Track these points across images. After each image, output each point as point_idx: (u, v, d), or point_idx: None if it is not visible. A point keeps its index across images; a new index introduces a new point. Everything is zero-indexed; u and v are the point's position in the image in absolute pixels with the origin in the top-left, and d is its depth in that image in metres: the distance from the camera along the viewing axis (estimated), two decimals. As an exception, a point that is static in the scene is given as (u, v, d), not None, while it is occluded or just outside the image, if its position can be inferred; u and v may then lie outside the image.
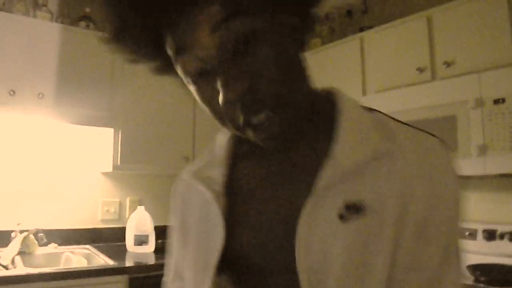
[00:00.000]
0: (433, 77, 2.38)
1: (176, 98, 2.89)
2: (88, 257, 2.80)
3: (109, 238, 3.22)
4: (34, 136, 3.01)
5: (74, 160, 3.17)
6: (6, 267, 2.40)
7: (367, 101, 2.53)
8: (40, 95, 2.60)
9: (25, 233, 2.72)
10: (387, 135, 0.67)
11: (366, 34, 2.77)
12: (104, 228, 3.25)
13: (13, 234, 2.74)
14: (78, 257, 2.74)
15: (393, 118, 0.72)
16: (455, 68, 2.29)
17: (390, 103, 2.47)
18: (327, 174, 0.64)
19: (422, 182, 0.63)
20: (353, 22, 3.07)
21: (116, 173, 3.16)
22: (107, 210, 3.27)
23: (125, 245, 3.00)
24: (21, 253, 2.63)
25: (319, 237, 0.63)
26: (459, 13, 2.31)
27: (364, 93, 2.70)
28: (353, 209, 0.62)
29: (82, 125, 2.77)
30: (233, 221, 0.72)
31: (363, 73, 2.73)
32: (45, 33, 2.69)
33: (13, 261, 2.52)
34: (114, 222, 3.29)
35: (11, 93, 2.51)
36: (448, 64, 2.30)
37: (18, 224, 2.77)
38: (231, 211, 0.72)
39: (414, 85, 2.43)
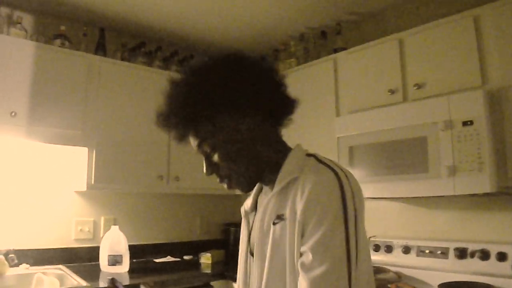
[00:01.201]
0: (405, 99, 2.43)
1: (151, 118, 2.87)
2: (60, 278, 2.75)
3: (83, 258, 3.17)
4: (7, 155, 2.97)
5: (48, 179, 3.12)
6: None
7: (341, 122, 2.59)
8: (13, 114, 2.56)
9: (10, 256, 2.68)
10: (301, 169, 1.10)
11: (339, 55, 2.82)
12: (78, 247, 3.19)
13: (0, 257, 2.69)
14: (51, 278, 2.69)
15: (317, 159, 1.13)
16: (425, 90, 2.35)
17: (362, 124, 2.52)
18: (264, 200, 1.18)
19: (302, 193, 1.04)
20: (327, 42, 3.13)
21: (90, 192, 3.13)
22: (81, 230, 3.22)
23: (99, 264, 2.97)
24: (-10, 274, 2.58)
25: (261, 236, 1.15)
26: (429, 36, 2.38)
27: (337, 114, 2.75)
28: (279, 218, 1.10)
29: (56, 144, 2.74)
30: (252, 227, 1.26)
31: (337, 93, 2.78)
32: (19, 50, 2.66)
33: (-18, 283, 2.47)
34: (88, 242, 3.24)
35: (-17, 111, 2.49)
36: (419, 86, 2.36)
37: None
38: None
39: (386, 107, 2.48)
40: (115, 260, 2.87)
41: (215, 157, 1.15)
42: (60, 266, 2.98)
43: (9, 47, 2.64)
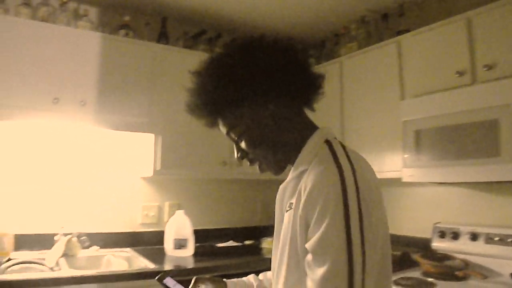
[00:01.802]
0: (474, 81, 2.34)
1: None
2: (128, 260, 2.87)
3: (148, 242, 3.28)
4: (77, 143, 3.11)
5: (116, 166, 3.25)
6: (51, 269, 2.47)
7: (406, 106, 2.53)
8: (82, 103, 2.68)
9: (68, 236, 2.80)
10: (310, 161, 1.10)
11: (403, 37, 2.75)
12: (144, 232, 3.31)
13: (56, 237, 2.82)
14: (119, 260, 2.81)
15: (331, 149, 1.10)
16: (496, 71, 2.24)
17: (429, 107, 2.45)
18: (281, 189, 1.21)
19: (305, 187, 1.04)
20: (389, 25, 3.05)
21: (156, 178, 3.22)
22: (147, 214, 3.33)
23: (163, 248, 3.05)
24: (64, 255, 2.71)
25: (278, 222, 1.20)
26: (500, 14, 2.27)
27: (402, 97, 2.68)
28: (290, 206, 1.12)
29: (123, 131, 2.83)
30: None
31: (401, 77, 2.71)
32: (87, 42, 2.77)
33: (57, 263, 2.60)
34: (153, 226, 3.35)
35: (55, 101, 2.60)
36: (489, 67, 2.26)
37: (61, 227, 2.86)
38: None
39: (454, 89, 2.39)
40: (180, 244, 2.94)
41: (243, 144, 1.19)
42: (127, 249, 3.09)
43: (77, 40, 2.74)
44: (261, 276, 1.47)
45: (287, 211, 1.12)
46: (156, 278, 1.29)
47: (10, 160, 2.88)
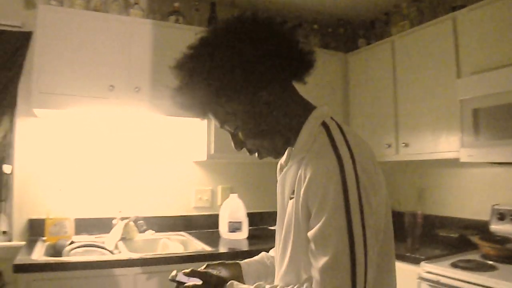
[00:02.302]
0: (537, 56, 2.24)
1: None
2: (184, 243, 2.92)
3: (201, 225, 3.34)
4: (132, 129, 3.18)
5: (169, 151, 3.31)
6: (111, 252, 2.55)
7: (463, 84, 2.45)
8: (137, 89, 2.73)
9: (125, 220, 2.88)
10: (310, 148, 1.08)
11: (459, 13, 2.64)
12: (197, 215, 3.37)
13: (114, 221, 2.91)
14: (175, 243, 2.86)
15: (328, 134, 1.07)
16: (561, 45, 2.14)
17: (488, 84, 2.36)
18: (281, 176, 1.20)
19: (305, 176, 1.04)
20: (443, 1, 2.95)
21: (209, 162, 3.26)
22: (200, 198, 3.38)
23: (217, 231, 3.10)
24: (122, 239, 2.80)
25: (281, 207, 1.19)
26: None
27: (458, 75, 2.60)
28: (292, 194, 1.10)
29: (177, 116, 2.87)
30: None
31: (457, 55, 2.62)
32: (138, 29, 2.82)
33: (116, 246, 2.68)
34: (206, 210, 3.40)
35: (110, 88, 2.66)
36: (553, 40, 2.16)
37: (119, 212, 2.94)
38: None
39: (515, 65, 2.30)
40: (234, 227, 2.98)
41: (239, 135, 1.16)
42: (181, 232, 3.15)
43: (130, 27, 2.80)
44: (271, 252, 1.44)
45: (291, 198, 1.11)
46: (169, 278, 1.28)
47: (69, 148, 2.99)
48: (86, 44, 2.65)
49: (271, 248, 1.40)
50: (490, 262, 2.24)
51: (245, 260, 1.43)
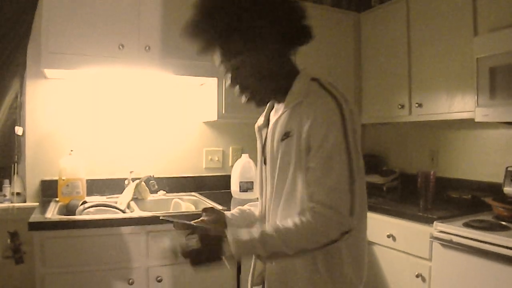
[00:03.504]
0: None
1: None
2: (195, 203, 2.94)
3: (212, 186, 3.35)
4: (142, 89, 3.16)
5: (180, 111, 3.30)
6: (123, 211, 2.57)
7: (480, 41, 2.37)
8: (147, 48, 2.69)
9: (137, 181, 2.90)
10: (306, 93, 1.23)
11: (477, -32, 2.56)
12: (208, 176, 3.38)
13: (126, 182, 2.93)
14: (186, 203, 2.88)
15: (320, 84, 1.24)
16: None
17: (507, 42, 2.29)
18: (272, 119, 1.35)
19: (308, 116, 1.19)
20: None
21: (219, 122, 3.24)
22: (211, 159, 3.38)
23: (228, 192, 3.11)
24: (134, 199, 2.82)
25: (272, 151, 1.32)
26: None
27: (475, 33, 2.52)
28: (286, 135, 1.25)
29: (187, 75, 2.84)
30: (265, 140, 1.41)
31: (474, 11, 2.54)
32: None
33: (129, 206, 2.70)
34: (218, 170, 3.41)
35: (120, 47, 2.62)
36: None
37: (130, 172, 2.95)
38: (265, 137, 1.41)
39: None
40: (246, 187, 2.99)
41: (237, 73, 1.28)
42: (193, 193, 3.17)
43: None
44: (247, 207, 1.58)
45: (283, 139, 1.26)
46: (161, 217, 1.43)
47: (79, 109, 2.98)
48: (95, 2, 2.59)
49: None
50: (503, 223, 2.23)
51: (231, 211, 1.53)
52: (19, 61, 2.78)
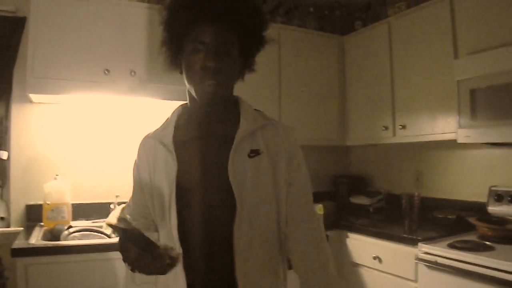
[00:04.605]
0: (533, 35, 2.23)
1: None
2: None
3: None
4: (128, 113, 3.16)
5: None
6: (109, 236, 2.56)
7: (460, 64, 2.42)
8: (132, 73, 2.71)
9: (123, 205, 2.88)
10: (265, 118, 1.34)
11: (456, -7, 2.62)
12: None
13: (111, 206, 2.91)
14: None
15: (265, 114, 1.37)
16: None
17: (485, 65, 2.35)
18: (239, 136, 1.26)
19: (287, 138, 1.32)
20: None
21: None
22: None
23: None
24: (120, 223, 2.79)
25: (239, 167, 1.24)
26: None
27: (455, 56, 2.58)
28: (254, 152, 1.26)
29: (172, 100, 2.85)
30: (180, 163, 1.28)
31: (454, 35, 2.61)
32: (134, 13, 2.78)
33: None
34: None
35: (106, 72, 2.64)
36: (551, 19, 2.14)
37: (116, 197, 2.94)
38: (178, 157, 1.29)
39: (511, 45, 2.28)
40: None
41: (227, 64, 1.25)
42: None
43: (125, 11, 2.78)
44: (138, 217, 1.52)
45: (251, 157, 1.25)
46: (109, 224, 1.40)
47: (65, 133, 2.97)
48: (81, 28, 2.62)
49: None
50: (488, 243, 2.25)
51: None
52: (4, 86, 2.78)
